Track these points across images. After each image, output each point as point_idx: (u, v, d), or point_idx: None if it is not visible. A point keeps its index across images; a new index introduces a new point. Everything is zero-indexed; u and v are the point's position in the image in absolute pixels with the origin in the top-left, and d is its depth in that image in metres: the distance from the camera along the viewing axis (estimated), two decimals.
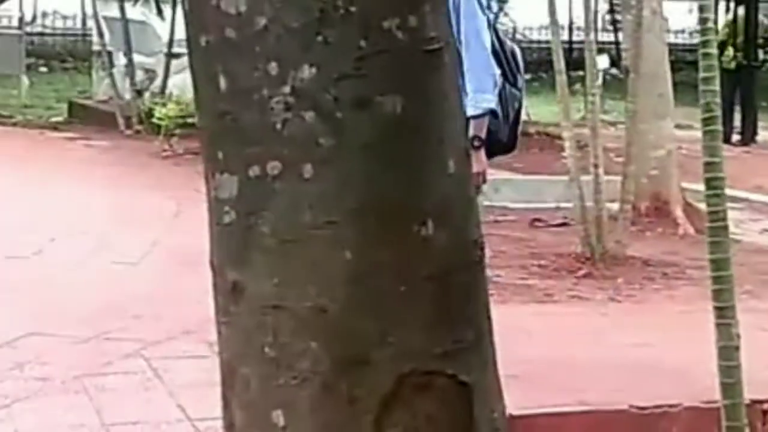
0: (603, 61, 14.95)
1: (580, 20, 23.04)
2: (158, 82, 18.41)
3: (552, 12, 10.22)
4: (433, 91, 2.04)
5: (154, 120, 15.64)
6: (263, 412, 2.01)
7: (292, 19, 1.94)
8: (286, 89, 1.94)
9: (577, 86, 12.89)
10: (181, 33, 18.08)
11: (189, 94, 17.25)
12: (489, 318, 2.18)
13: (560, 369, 6.45)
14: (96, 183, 13.03)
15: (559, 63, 9.91)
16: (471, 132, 6.05)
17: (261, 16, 1.94)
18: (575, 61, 16.87)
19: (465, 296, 2.10)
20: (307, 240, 1.97)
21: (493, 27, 6.39)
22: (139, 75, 18.30)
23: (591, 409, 6.06)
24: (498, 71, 6.31)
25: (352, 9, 1.94)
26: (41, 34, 29.94)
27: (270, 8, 1.94)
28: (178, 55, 18.22)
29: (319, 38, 1.94)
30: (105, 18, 18.98)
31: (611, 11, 23.78)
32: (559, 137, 11.54)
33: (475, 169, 6.24)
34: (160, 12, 18.78)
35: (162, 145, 15.30)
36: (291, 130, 1.95)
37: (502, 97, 6.39)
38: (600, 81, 10.24)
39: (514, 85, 6.50)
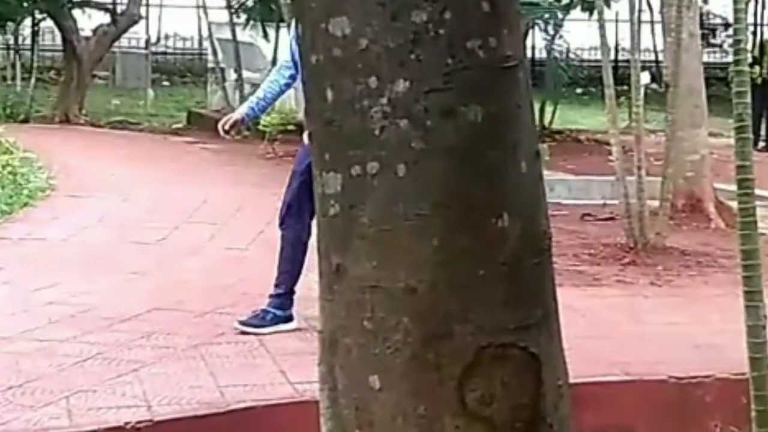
0: (645, 78, 14.85)
1: (624, 42, 22.99)
2: None
3: (602, 35, 10.26)
4: (509, 102, 2.03)
5: (260, 127, 15.71)
6: (362, 376, 2.01)
7: (389, 40, 1.94)
8: (384, 100, 1.94)
9: (622, 99, 12.81)
10: (282, 52, 18.22)
11: (288, 105, 17.35)
12: (554, 298, 2.17)
13: (607, 344, 6.42)
14: (211, 180, 13.13)
15: (608, 79, 9.94)
16: None
17: (363, 38, 1.94)
18: (620, 77, 16.81)
19: (534, 279, 2.09)
20: (400, 229, 1.97)
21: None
22: (247, 88, 18.36)
23: (635, 378, 6.03)
24: None
25: (441, 32, 1.94)
26: (164, 53, 30.18)
27: (371, 31, 1.94)
28: None
29: (413, 56, 1.94)
30: (218, 40, 19.11)
31: (653, 33, 23.55)
32: (607, 143, 11.50)
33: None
34: (265, 35, 18.86)
35: (266, 148, 15.38)
36: (387, 135, 1.95)
37: None
38: (642, 95, 10.17)
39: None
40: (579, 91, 22.20)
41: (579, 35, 23.60)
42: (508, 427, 2.00)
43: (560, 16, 19.71)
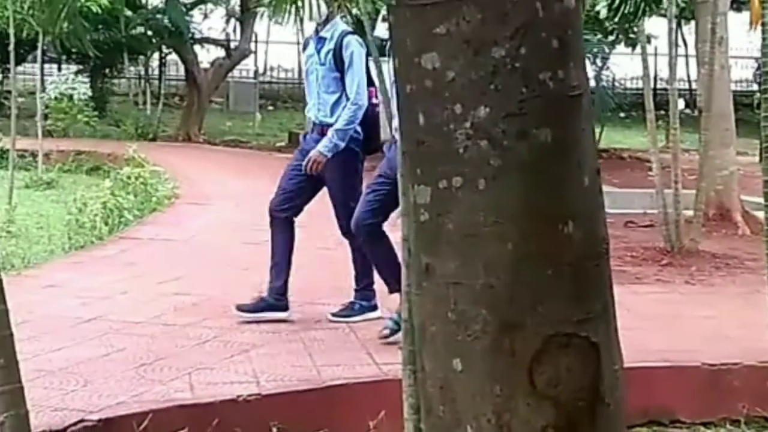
0: (680, 104, 14.76)
1: (662, 72, 22.76)
2: None
3: (645, 68, 10.19)
4: (574, 126, 2.01)
5: None
6: (446, 359, 2.00)
7: (472, 72, 1.93)
8: (467, 124, 1.93)
9: (660, 122, 12.72)
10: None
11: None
12: (611, 295, 2.15)
13: (649, 334, 6.34)
14: None
15: (649, 105, 9.92)
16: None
17: (450, 71, 1.93)
18: (658, 103, 16.67)
19: (595, 278, 2.07)
20: (480, 234, 1.96)
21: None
22: None
23: (672, 365, 5.96)
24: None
25: (517, 65, 1.92)
26: (270, 82, 30.43)
27: (457, 65, 1.93)
28: None
29: (492, 86, 1.92)
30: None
31: (687, 65, 23.30)
32: (647, 160, 11.42)
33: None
34: None
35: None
36: (470, 154, 1.94)
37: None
38: (678, 119, 10.13)
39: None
40: (622, 115, 22.02)
41: (623, 67, 23.49)
42: (572, 406, 1.97)
43: (607, 50, 19.70)
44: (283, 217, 6.67)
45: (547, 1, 1.94)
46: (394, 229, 7.72)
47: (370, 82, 6.43)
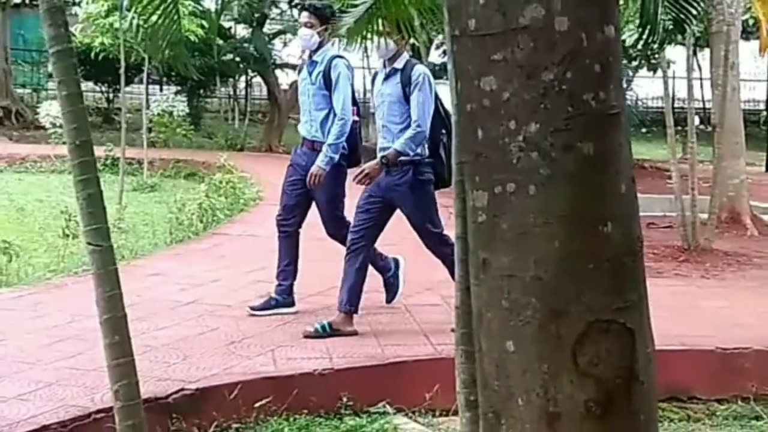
0: (695, 120, 14.63)
1: (679, 93, 22.52)
2: None
3: (665, 89, 10.15)
4: (613, 140, 1.99)
5: None
6: (500, 341, 1.99)
7: (525, 93, 1.92)
8: (520, 138, 1.92)
9: (677, 136, 12.61)
10: None
11: None
12: (645, 287, 2.12)
13: (669, 321, 6.25)
14: None
15: (670, 121, 9.86)
16: (387, 156, 5.89)
17: (506, 92, 1.92)
18: (676, 120, 16.48)
19: (631, 272, 2.04)
20: (531, 233, 1.94)
21: (439, 101, 6.03)
22: None
23: (689, 348, 5.89)
24: (443, 131, 5.96)
25: (564, 87, 1.91)
26: None
27: (511, 87, 1.92)
28: None
29: (542, 106, 1.91)
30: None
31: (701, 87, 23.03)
32: (666, 170, 11.29)
33: (369, 171, 5.97)
34: None
35: None
36: (522, 164, 1.92)
37: (446, 148, 5.96)
38: (695, 133, 10.06)
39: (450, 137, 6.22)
40: (644, 130, 21.77)
41: (645, 88, 23.28)
42: (611, 383, 1.95)
43: (631, 74, 19.51)
44: (291, 230, 6.54)
45: (591, 32, 1.93)
46: (445, 229, 7.75)
47: (354, 102, 6.37)
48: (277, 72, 21.50)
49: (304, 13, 6.42)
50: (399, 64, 5.97)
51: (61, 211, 9.23)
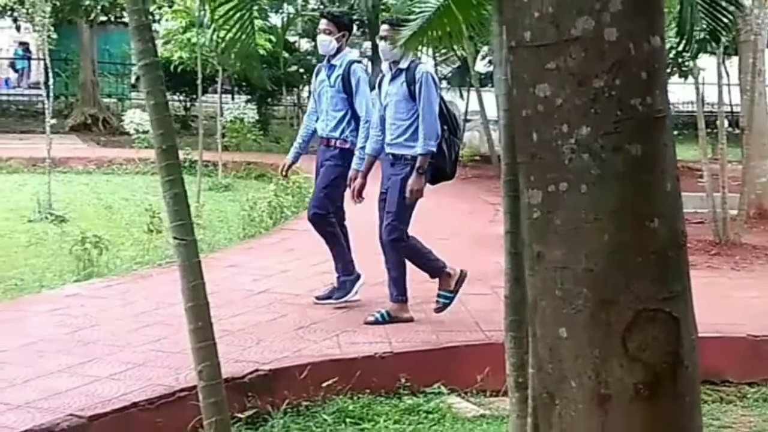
0: (724, 123, 14.38)
1: (708, 98, 22.17)
2: None
3: (698, 94, 10.02)
4: (659, 142, 1.96)
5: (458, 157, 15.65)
6: (554, 328, 1.97)
7: (576, 99, 1.89)
8: (572, 140, 1.90)
9: (707, 138, 12.40)
10: (472, 106, 18.22)
11: (475, 142, 17.23)
12: (688, 278, 2.08)
13: (703, 310, 6.09)
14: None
15: (701, 124, 9.68)
16: (417, 163, 5.78)
17: (558, 98, 1.90)
18: (705, 123, 16.22)
19: (675, 264, 2.01)
20: (582, 229, 1.92)
21: (441, 98, 5.98)
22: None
23: (722, 335, 5.79)
24: (445, 127, 5.88)
25: (613, 93, 1.88)
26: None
27: (564, 93, 1.90)
28: (469, 121, 18.20)
29: (593, 110, 1.88)
30: None
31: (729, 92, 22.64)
32: (697, 170, 11.12)
33: (415, 187, 5.86)
34: (461, 95, 18.82)
35: (460, 172, 15.21)
36: (574, 164, 1.90)
37: (448, 143, 5.94)
38: (725, 135, 9.90)
39: (455, 135, 6.04)
40: (675, 132, 21.42)
41: (676, 93, 22.95)
42: (658, 367, 1.92)
43: None
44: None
45: (638, 42, 1.90)
46: (491, 225, 7.69)
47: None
48: None
49: (323, 21, 6.33)
50: (404, 64, 5.91)
51: (146, 209, 9.34)
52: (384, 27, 5.96)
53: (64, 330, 5.64)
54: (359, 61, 6.45)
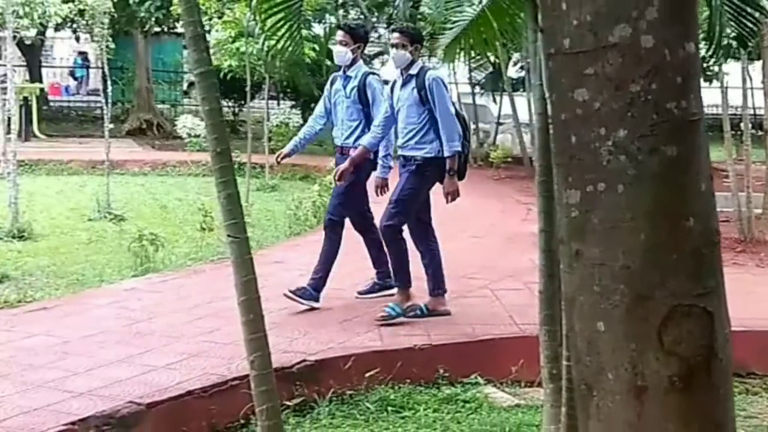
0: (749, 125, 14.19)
1: (731, 101, 21.84)
2: (490, 139, 18.36)
3: (723, 98, 9.86)
4: (693, 144, 1.93)
5: (490, 159, 15.59)
6: (591, 322, 1.95)
7: (614, 103, 1.87)
8: (609, 143, 1.88)
9: (732, 140, 12.26)
10: (504, 110, 18.15)
11: (507, 144, 17.14)
12: (721, 275, 2.05)
13: (729, 305, 6.09)
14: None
15: (727, 126, 9.57)
16: (447, 165, 5.76)
17: (596, 102, 1.88)
18: (730, 125, 16.01)
19: (709, 261, 1.98)
20: (619, 227, 1.90)
21: (451, 100, 5.95)
22: (481, 135, 18.30)
23: (747, 329, 5.69)
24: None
25: (649, 97, 1.86)
26: None
27: (601, 97, 1.88)
28: (501, 124, 18.13)
29: (629, 114, 1.86)
30: (463, 103, 19.03)
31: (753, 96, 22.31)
32: (722, 170, 10.95)
33: (450, 189, 5.83)
34: (494, 99, 18.73)
35: (493, 173, 15.23)
36: (611, 166, 1.88)
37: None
38: (749, 137, 9.75)
39: (465, 138, 5.96)
40: None
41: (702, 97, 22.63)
42: (692, 360, 1.90)
43: None
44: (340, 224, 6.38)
45: (673, 48, 1.87)
46: (523, 223, 7.62)
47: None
48: None
49: (339, 32, 6.29)
50: (414, 71, 5.86)
51: (198, 209, 9.39)
52: (395, 35, 5.94)
53: (122, 322, 5.70)
54: (375, 73, 6.43)
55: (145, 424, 4.19)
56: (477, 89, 18.91)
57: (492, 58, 15.73)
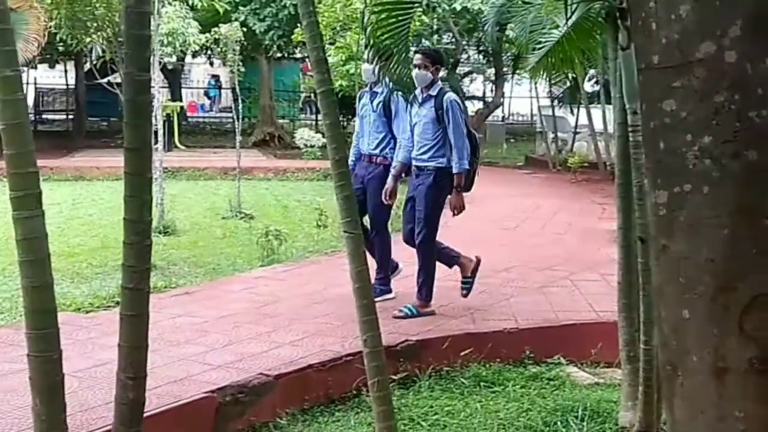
0: None
1: None
2: (568, 146, 18.03)
3: None
4: None
5: (569, 164, 15.30)
6: (677, 310, 1.88)
7: (699, 112, 1.80)
8: (695, 148, 1.81)
9: None
10: (581, 121, 17.80)
11: (583, 151, 16.79)
12: None
13: None
14: (540, 194, 12.93)
15: None
16: (455, 182, 5.53)
17: (683, 111, 1.82)
18: None
19: None
20: (704, 225, 1.82)
21: (465, 121, 5.70)
22: (560, 143, 17.99)
23: None
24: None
25: (732, 107, 1.78)
26: (512, 123, 30.07)
27: (688, 107, 1.81)
28: (578, 133, 17.78)
29: (714, 122, 1.79)
30: (543, 115, 18.81)
31: None
32: None
33: (457, 204, 5.59)
34: (571, 111, 18.39)
35: (570, 177, 14.97)
36: (697, 168, 1.81)
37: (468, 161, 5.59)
38: None
39: (474, 155, 5.71)
40: None
41: None
42: None
43: None
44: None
45: (755, 62, 1.79)
46: (599, 221, 7.44)
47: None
48: (467, 102, 21.49)
49: (417, 56, 5.77)
50: (433, 91, 5.70)
51: (314, 208, 9.54)
52: (417, 56, 5.78)
53: (253, 305, 5.83)
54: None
55: (273, 393, 4.27)
56: (556, 102, 18.61)
57: (570, 75, 15.46)
